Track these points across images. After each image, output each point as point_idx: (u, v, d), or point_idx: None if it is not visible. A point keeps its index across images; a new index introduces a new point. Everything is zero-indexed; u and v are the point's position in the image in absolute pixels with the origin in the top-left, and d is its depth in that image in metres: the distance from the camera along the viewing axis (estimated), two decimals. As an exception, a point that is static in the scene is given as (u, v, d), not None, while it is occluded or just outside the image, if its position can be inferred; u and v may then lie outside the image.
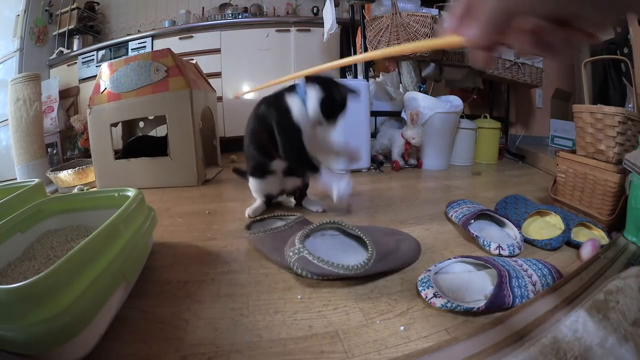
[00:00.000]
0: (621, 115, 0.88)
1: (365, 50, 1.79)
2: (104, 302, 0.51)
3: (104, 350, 0.49)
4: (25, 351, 0.41)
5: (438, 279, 0.63)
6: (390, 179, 1.55)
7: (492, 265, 0.61)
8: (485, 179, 1.59)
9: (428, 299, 0.57)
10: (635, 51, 1.01)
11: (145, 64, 1.48)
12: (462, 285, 0.62)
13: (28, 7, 2.48)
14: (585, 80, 1.05)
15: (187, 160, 1.48)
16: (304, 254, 0.62)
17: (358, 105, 1.64)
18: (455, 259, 0.67)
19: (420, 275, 0.64)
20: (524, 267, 0.64)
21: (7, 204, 0.77)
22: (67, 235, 0.78)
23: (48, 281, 0.42)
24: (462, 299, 0.58)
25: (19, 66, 2.43)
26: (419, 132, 1.65)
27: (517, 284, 0.58)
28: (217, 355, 0.48)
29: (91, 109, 1.52)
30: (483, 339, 0.45)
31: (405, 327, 0.53)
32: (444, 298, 0.56)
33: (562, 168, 1.06)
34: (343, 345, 0.50)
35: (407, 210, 1.09)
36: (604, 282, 0.48)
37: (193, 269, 0.73)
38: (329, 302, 0.60)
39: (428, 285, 0.59)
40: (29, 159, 1.74)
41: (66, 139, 2.44)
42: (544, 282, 0.61)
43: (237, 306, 0.59)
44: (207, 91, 1.75)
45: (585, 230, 0.85)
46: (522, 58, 1.84)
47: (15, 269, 0.63)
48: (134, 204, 0.70)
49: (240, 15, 2.69)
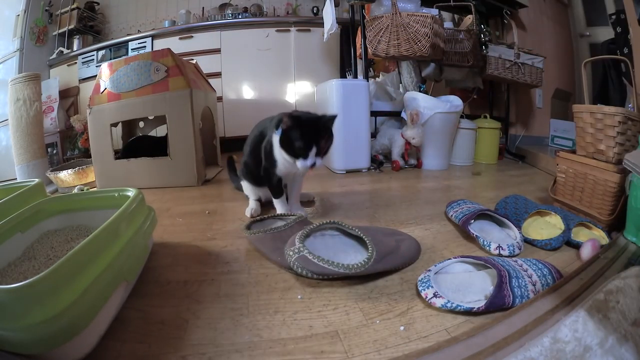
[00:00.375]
0: (621, 115, 0.88)
1: (365, 50, 1.79)
2: (104, 302, 0.51)
3: (104, 350, 0.49)
4: (25, 351, 0.41)
5: (438, 279, 0.63)
6: (390, 179, 1.55)
7: (492, 265, 0.62)
8: (485, 179, 1.59)
9: (428, 299, 0.57)
10: (635, 51, 1.01)
11: (145, 64, 1.48)
12: (462, 285, 0.62)
13: (28, 7, 2.48)
14: (585, 80, 1.05)
15: (187, 160, 1.48)
16: (304, 253, 0.62)
17: (358, 105, 1.64)
18: (455, 259, 0.67)
19: (420, 276, 0.64)
20: (524, 267, 0.64)
21: (7, 204, 0.76)
22: (67, 235, 0.78)
23: (48, 281, 0.42)
24: (462, 299, 0.58)
25: (19, 66, 2.43)
26: (419, 132, 1.65)
27: (517, 284, 0.58)
28: (217, 355, 0.48)
29: (91, 109, 1.52)
30: (483, 339, 0.45)
31: (405, 327, 0.53)
32: (443, 298, 0.56)
33: (562, 168, 1.06)
34: (343, 345, 0.50)
35: (407, 210, 1.09)
36: (604, 282, 0.48)
37: (193, 269, 0.73)
38: (329, 302, 0.60)
39: (428, 285, 0.59)
40: (29, 159, 1.74)
41: (66, 139, 2.44)
42: (544, 282, 0.61)
43: (237, 306, 0.59)
44: (207, 91, 1.75)
45: (585, 230, 0.85)
46: (522, 58, 1.84)
47: (15, 269, 0.63)
48: (134, 204, 0.70)
49: (240, 15, 2.69)
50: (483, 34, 1.95)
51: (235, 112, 2.49)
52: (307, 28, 2.51)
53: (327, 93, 1.67)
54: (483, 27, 1.98)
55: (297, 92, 2.56)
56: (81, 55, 2.58)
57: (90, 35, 2.79)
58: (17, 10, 2.46)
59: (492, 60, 1.86)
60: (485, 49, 1.91)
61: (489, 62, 1.87)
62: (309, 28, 2.51)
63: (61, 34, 2.72)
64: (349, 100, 1.61)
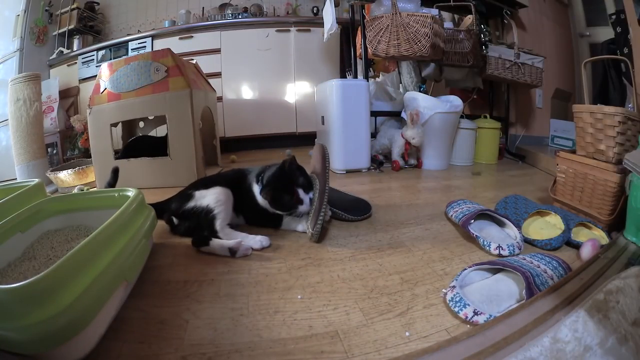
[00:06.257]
0: (621, 115, 0.88)
1: (365, 50, 1.79)
2: (104, 302, 0.51)
3: (104, 350, 0.49)
4: (25, 351, 0.41)
5: (466, 293, 0.60)
6: (390, 179, 1.55)
7: (513, 268, 0.60)
8: (485, 179, 1.59)
9: (469, 319, 0.54)
10: (635, 51, 1.01)
11: (145, 64, 1.48)
12: (491, 294, 0.60)
13: (28, 7, 2.48)
14: (585, 80, 1.05)
15: (187, 160, 1.48)
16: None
17: (358, 105, 1.64)
18: (470, 268, 0.65)
19: (448, 295, 0.60)
20: (535, 264, 0.63)
21: (7, 204, 0.76)
22: (67, 235, 0.78)
23: (48, 281, 0.42)
24: (498, 309, 0.56)
25: (19, 66, 2.43)
26: (419, 132, 1.65)
27: (539, 282, 0.58)
28: (217, 355, 0.48)
29: (91, 109, 1.52)
30: (483, 339, 0.45)
31: (405, 327, 0.53)
32: (484, 314, 0.54)
33: (562, 168, 1.06)
34: (343, 345, 0.50)
35: (407, 210, 1.09)
36: (604, 282, 0.48)
37: (193, 269, 0.73)
38: (329, 302, 0.60)
39: (464, 304, 0.56)
40: (29, 159, 1.74)
41: (66, 139, 2.44)
42: (558, 274, 0.61)
43: (237, 306, 0.59)
44: (207, 91, 1.75)
45: (585, 230, 0.85)
46: (521, 58, 1.84)
47: (15, 269, 0.63)
48: (134, 204, 0.70)
49: (240, 15, 2.70)
50: (483, 34, 1.95)
51: (235, 112, 2.50)
52: (307, 28, 2.51)
53: (327, 93, 1.67)
54: (483, 27, 1.98)
55: (297, 92, 2.56)
56: (81, 55, 2.59)
57: (90, 35, 2.79)
58: (17, 10, 2.46)
59: (492, 60, 1.86)
60: (485, 49, 1.91)
61: (489, 62, 1.87)
62: (309, 28, 2.51)
63: (61, 34, 2.72)
64: (349, 100, 1.61)
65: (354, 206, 1.04)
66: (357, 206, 1.05)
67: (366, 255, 0.78)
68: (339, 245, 0.84)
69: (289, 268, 0.72)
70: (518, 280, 0.60)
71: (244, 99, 2.53)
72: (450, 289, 0.61)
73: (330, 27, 2.07)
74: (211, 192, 0.88)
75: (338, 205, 1.00)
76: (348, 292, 0.63)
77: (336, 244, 0.85)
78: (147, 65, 1.47)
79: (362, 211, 1.03)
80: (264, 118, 2.54)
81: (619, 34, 1.63)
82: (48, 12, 2.67)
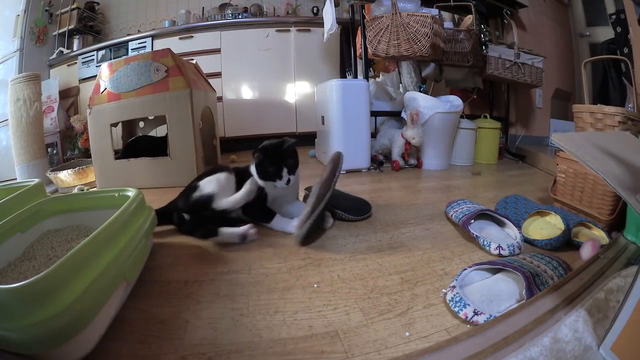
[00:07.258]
0: (621, 115, 0.88)
1: (365, 50, 1.79)
2: (104, 302, 0.50)
3: (104, 350, 0.49)
4: (25, 351, 0.41)
5: (466, 293, 0.60)
6: (390, 179, 1.55)
7: (513, 268, 0.60)
8: (485, 179, 1.59)
9: (469, 319, 0.54)
10: (635, 51, 1.01)
11: (145, 64, 1.48)
12: (491, 294, 0.60)
13: (28, 7, 2.48)
14: (585, 80, 1.05)
15: (187, 160, 1.48)
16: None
17: (358, 105, 1.64)
18: (470, 268, 0.65)
19: (448, 295, 0.60)
20: (536, 264, 0.63)
21: (7, 204, 0.76)
22: (67, 235, 0.78)
23: (48, 281, 0.42)
24: (498, 309, 0.56)
25: (19, 66, 2.43)
26: (419, 132, 1.65)
27: (540, 282, 0.58)
28: (217, 355, 0.48)
29: (91, 109, 1.52)
30: (483, 339, 0.45)
31: (405, 327, 0.53)
32: (485, 314, 0.54)
33: (562, 168, 1.06)
34: (343, 345, 0.50)
35: (407, 210, 1.09)
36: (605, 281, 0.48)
37: (193, 269, 0.73)
38: (329, 302, 0.60)
39: (464, 304, 0.56)
40: (29, 159, 1.74)
41: (66, 139, 2.44)
42: (558, 274, 0.60)
43: (237, 306, 0.59)
44: (207, 91, 1.75)
45: (585, 230, 0.85)
46: (521, 58, 1.84)
47: (15, 269, 0.63)
48: (134, 204, 0.70)
49: (240, 15, 2.70)
50: (483, 34, 1.95)
51: (235, 112, 2.50)
52: (307, 28, 2.51)
53: (327, 93, 1.67)
54: (483, 27, 1.98)
55: (297, 92, 2.56)
56: (81, 55, 2.58)
57: (90, 35, 2.79)
58: (17, 10, 2.46)
59: (492, 60, 1.86)
60: (485, 49, 1.91)
61: (489, 62, 1.87)
62: (309, 28, 2.51)
63: (61, 34, 2.72)
64: (349, 100, 1.61)
65: (354, 206, 1.04)
66: (357, 206, 1.05)
67: (366, 255, 0.78)
68: (339, 245, 0.84)
69: (289, 268, 0.72)
70: (518, 280, 0.60)
71: (244, 99, 2.53)
72: (450, 289, 0.61)
73: (330, 27, 2.07)
74: (214, 176, 0.95)
75: (338, 205, 1.00)
76: (348, 292, 0.63)
77: (336, 243, 0.85)
78: (147, 65, 1.47)
79: (362, 211, 1.03)
80: (264, 118, 2.54)
81: (619, 34, 1.63)
82: (48, 12, 2.67)
